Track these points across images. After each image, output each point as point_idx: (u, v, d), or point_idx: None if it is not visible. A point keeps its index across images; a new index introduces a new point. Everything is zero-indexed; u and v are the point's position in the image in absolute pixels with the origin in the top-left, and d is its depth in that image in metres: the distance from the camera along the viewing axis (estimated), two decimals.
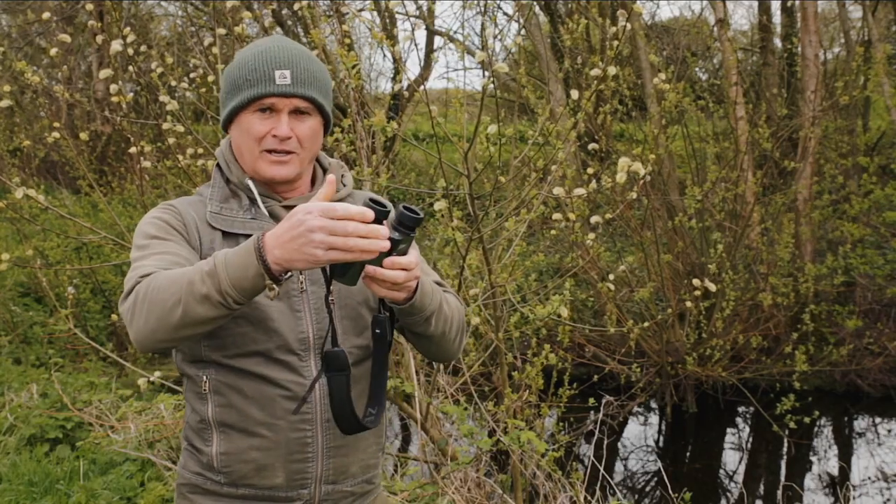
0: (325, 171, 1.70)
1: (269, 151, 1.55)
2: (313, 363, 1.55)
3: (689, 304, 4.65)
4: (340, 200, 1.65)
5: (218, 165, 1.67)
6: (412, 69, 10.90)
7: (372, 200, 1.28)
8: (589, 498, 3.66)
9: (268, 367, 1.53)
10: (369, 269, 1.33)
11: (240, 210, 1.59)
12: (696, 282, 3.95)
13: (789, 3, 10.57)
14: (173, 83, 3.56)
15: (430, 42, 11.53)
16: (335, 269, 1.36)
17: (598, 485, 3.78)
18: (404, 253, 1.34)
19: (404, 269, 1.35)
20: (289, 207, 1.60)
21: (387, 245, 1.26)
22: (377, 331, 1.54)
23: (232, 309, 1.33)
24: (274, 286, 1.30)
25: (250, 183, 1.59)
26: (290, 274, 1.32)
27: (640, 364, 6.76)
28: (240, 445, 1.55)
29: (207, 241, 1.55)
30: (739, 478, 6.36)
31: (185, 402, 1.65)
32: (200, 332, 1.37)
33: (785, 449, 6.74)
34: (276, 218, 1.59)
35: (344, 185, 1.69)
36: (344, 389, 1.46)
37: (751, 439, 7.25)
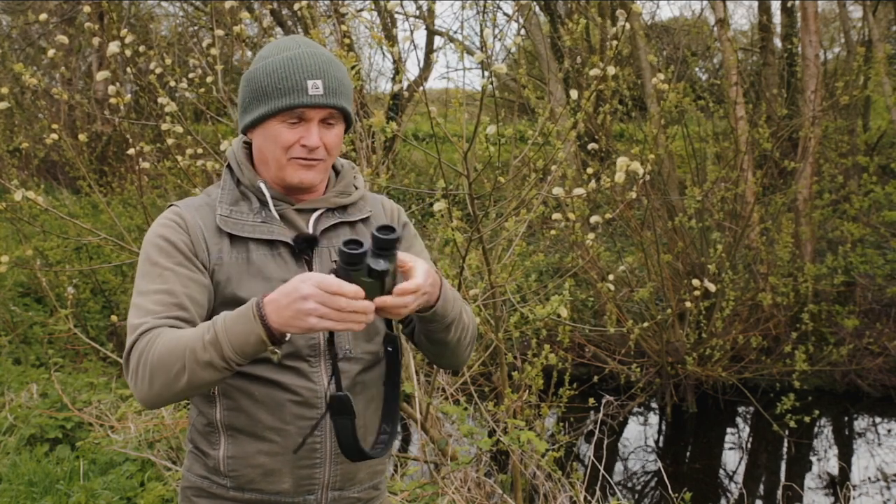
0: (337, 173, 1.69)
1: (298, 158, 1.54)
2: (323, 369, 1.55)
3: (688, 304, 4.65)
4: (353, 204, 1.65)
5: (228, 167, 1.64)
6: (412, 69, 10.90)
7: (347, 243, 1.32)
8: (589, 498, 3.66)
9: (279, 374, 1.53)
10: (378, 301, 1.35)
11: (250, 213, 1.57)
12: (695, 282, 3.95)
13: (789, 3, 10.57)
14: (173, 84, 3.57)
15: (429, 42, 11.54)
16: None
17: (598, 485, 3.77)
18: (394, 277, 1.37)
19: (413, 293, 1.38)
20: (301, 211, 1.60)
21: (373, 317, 1.31)
22: (389, 349, 1.57)
23: (234, 371, 1.37)
24: (276, 350, 1.34)
25: (262, 185, 1.57)
26: (289, 336, 1.36)
27: (640, 364, 6.75)
28: (248, 450, 1.55)
29: (216, 251, 1.53)
30: (739, 478, 6.36)
31: (191, 403, 1.64)
32: (205, 390, 1.46)
33: (785, 449, 6.74)
34: (287, 221, 1.58)
35: (356, 188, 1.68)
36: (349, 433, 1.47)
37: (751, 439, 7.25)
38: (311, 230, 1.59)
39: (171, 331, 1.40)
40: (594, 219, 3.19)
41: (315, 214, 1.60)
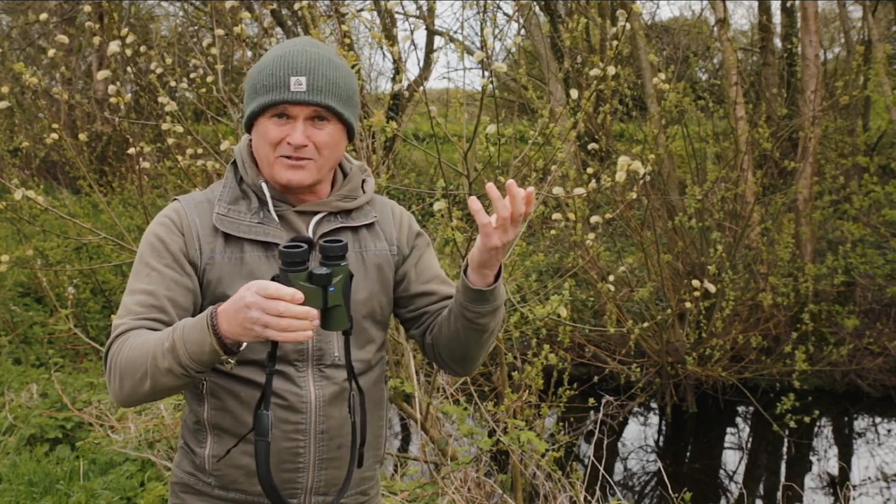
0: (345, 175, 1.66)
1: (285, 157, 1.52)
2: (310, 374, 1.55)
3: (688, 304, 4.65)
4: (360, 208, 1.63)
5: (233, 164, 1.64)
6: (412, 69, 10.91)
7: (287, 245, 1.31)
8: (589, 498, 3.66)
9: (264, 376, 1.52)
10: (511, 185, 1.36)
11: (248, 213, 1.55)
12: (695, 282, 3.95)
13: (789, 3, 10.57)
14: (173, 84, 3.57)
15: (430, 42, 11.54)
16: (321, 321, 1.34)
17: (598, 485, 3.77)
18: (343, 292, 1.35)
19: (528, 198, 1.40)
20: (301, 213, 1.58)
21: (316, 324, 1.28)
22: (353, 414, 1.56)
23: (195, 377, 1.38)
24: (230, 360, 1.34)
25: (264, 185, 1.56)
26: (244, 344, 1.35)
27: (640, 364, 6.75)
28: (232, 449, 1.55)
29: (208, 251, 1.53)
30: (739, 478, 6.36)
31: (185, 401, 1.65)
32: (175, 393, 1.45)
33: (785, 449, 6.74)
34: (286, 223, 1.56)
35: (364, 192, 1.66)
36: (263, 458, 1.42)
37: (751, 439, 7.25)
38: (310, 234, 1.57)
39: (141, 334, 1.42)
40: (594, 219, 3.19)
41: (316, 218, 1.58)
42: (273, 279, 1.29)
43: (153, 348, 1.36)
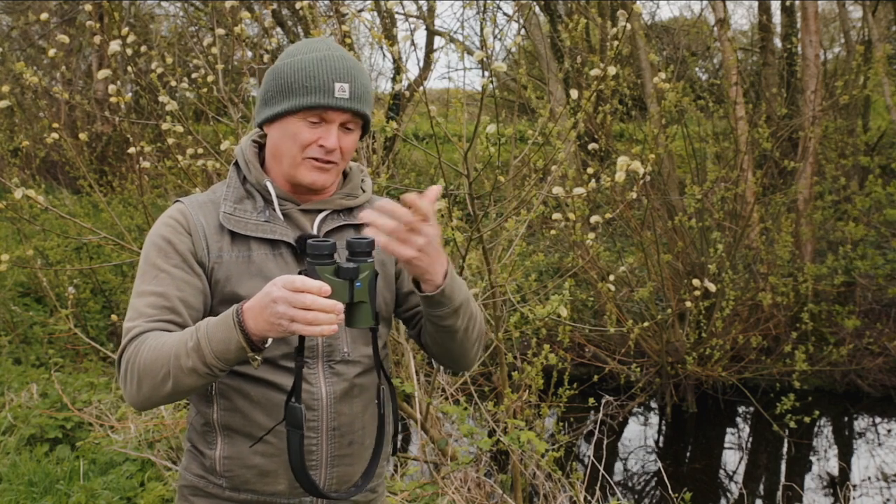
0: (345, 175, 1.69)
1: (313, 158, 1.54)
2: (321, 371, 1.55)
3: (688, 303, 4.65)
4: (360, 207, 1.65)
5: (236, 164, 1.64)
6: (412, 69, 10.91)
7: (315, 237, 1.34)
8: (589, 498, 3.66)
9: (274, 374, 1.53)
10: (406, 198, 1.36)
11: (254, 211, 1.57)
12: (695, 282, 3.95)
13: (789, 3, 10.57)
14: (173, 83, 3.57)
15: (430, 42, 11.53)
16: (345, 318, 1.35)
17: (598, 485, 3.77)
18: (370, 287, 1.36)
19: (431, 200, 1.37)
20: (306, 212, 1.59)
21: (341, 318, 1.29)
22: (376, 401, 1.60)
23: (218, 376, 1.37)
24: (256, 357, 1.35)
25: (268, 184, 1.57)
26: (270, 341, 1.35)
27: (640, 364, 6.75)
28: (243, 450, 1.55)
29: (216, 250, 1.54)
30: (739, 478, 6.36)
31: (190, 402, 1.65)
32: (193, 393, 1.47)
33: (785, 449, 6.74)
34: (291, 221, 1.58)
35: (363, 191, 1.68)
36: (297, 447, 1.43)
37: (751, 439, 7.25)
38: (315, 231, 1.58)
39: (158, 335, 1.42)
40: (594, 219, 3.19)
41: (321, 216, 1.60)
42: (300, 273, 1.31)
43: (174, 349, 1.36)
